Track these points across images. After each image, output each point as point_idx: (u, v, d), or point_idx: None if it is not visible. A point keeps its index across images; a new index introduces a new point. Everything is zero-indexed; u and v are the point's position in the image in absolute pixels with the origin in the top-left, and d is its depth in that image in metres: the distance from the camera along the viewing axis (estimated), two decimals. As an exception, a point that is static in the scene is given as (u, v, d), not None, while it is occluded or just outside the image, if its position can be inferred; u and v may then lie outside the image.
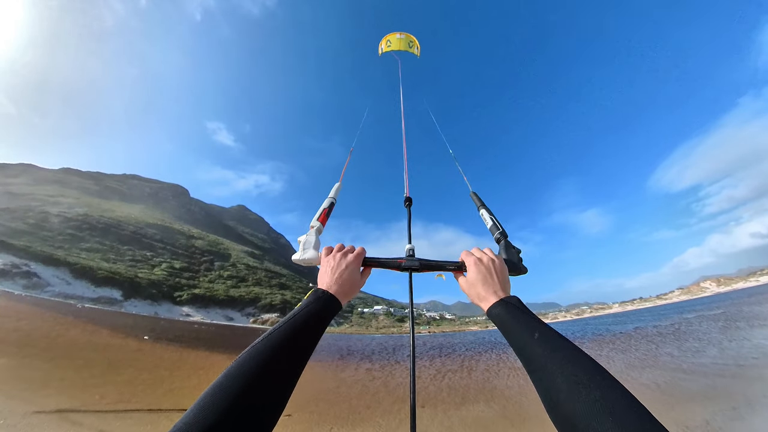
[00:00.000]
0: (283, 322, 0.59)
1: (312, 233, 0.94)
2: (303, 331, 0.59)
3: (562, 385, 0.44)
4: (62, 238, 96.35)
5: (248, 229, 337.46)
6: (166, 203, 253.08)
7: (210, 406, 0.41)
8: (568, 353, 0.49)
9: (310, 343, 0.59)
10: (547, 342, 0.53)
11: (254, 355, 0.52)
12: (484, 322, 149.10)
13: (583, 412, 0.39)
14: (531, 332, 0.56)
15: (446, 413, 8.23)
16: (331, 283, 0.74)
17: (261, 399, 0.46)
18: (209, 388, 0.45)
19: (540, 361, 0.50)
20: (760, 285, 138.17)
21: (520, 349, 0.56)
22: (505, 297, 0.69)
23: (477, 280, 0.76)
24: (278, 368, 0.51)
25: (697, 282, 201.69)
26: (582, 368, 0.46)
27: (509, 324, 0.62)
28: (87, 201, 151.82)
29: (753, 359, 11.47)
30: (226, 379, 0.46)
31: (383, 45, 3.74)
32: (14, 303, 31.72)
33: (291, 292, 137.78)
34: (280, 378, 0.51)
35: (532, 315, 0.62)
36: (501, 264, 0.79)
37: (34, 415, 5.67)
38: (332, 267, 0.78)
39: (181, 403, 7.61)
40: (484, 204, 1.15)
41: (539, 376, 0.50)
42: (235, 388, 0.44)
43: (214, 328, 50.80)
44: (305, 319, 0.61)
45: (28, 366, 9.26)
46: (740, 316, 29.36)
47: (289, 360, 0.54)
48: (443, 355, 23.79)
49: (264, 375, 0.48)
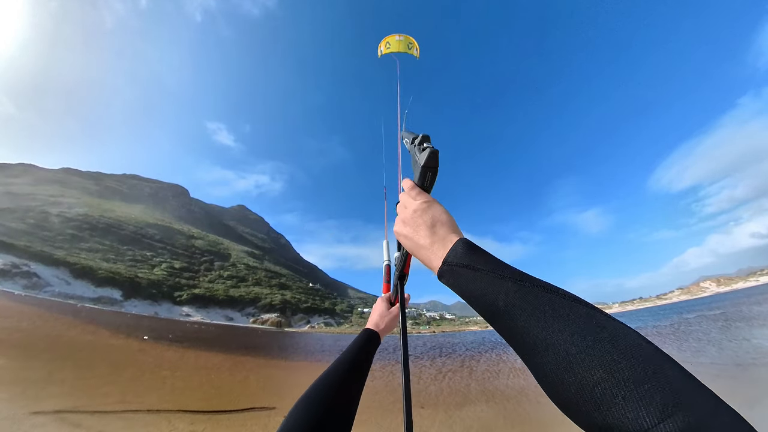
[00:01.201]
0: (339, 360, 0.68)
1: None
2: (356, 367, 0.68)
3: (557, 354, 0.26)
4: (62, 238, 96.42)
5: (248, 229, 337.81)
6: (166, 203, 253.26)
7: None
8: (552, 308, 0.30)
9: (362, 379, 0.68)
10: (519, 305, 0.32)
11: (321, 388, 0.58)
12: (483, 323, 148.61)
13: (596, 371, 0.23)
14: (493, 300, 0.36)
15: (447, 413, 8.24)
16: (369, 322, 0.94)
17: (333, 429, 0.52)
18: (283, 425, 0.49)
19: (520, 334, 0.32)
20: (759, 285, 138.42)
21: (492, 324, 0.37)
22: (446, 256, 0.44)
23: (411, 250, 0.54)
24: (342, 396, 0.58)
25: (697, 282, 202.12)
26: (579, 326, 0.27)
27: (465, 296, 0.41)
28: (87, 201, 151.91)
29: (752, 359, 11.49)
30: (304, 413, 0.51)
31: (382, 47, 3.77)
32: (15, 303, 31.74)
33: (291, 292, 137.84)
34: (345, 406, 0.57)
35: (486, 267, 0.38)
36: (410, 206, 0.55)
37: (32, 416, 5.68)
38: (373, 310, 1.00)
39: (183, 404, 7.61)
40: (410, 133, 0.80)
41: (528, 355, 0.31)
42: (310, 421, 0.49)
43: (214, 328, 50.86)
44: (350, 353, 0.72)
45: (29, 366, 9.26)
46: (740, 316, 29.41)
47: (348, 390, 0.61)
48: (443, 355, 23.81)
49: (332, 405, 0.54)
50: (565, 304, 0.30)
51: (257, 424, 6.85)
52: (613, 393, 0.22)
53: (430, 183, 0.57)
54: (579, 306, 0.29)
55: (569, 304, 0.29)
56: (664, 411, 0.20)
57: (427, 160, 0.52)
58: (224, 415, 7.33)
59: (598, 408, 0.22)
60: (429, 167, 0.53)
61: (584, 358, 0.24)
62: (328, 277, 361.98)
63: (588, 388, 0.23)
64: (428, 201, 0.54)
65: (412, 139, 0.63)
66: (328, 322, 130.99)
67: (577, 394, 0.24)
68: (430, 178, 0.56)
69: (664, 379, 0.21)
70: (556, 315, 0.28)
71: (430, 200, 0.54)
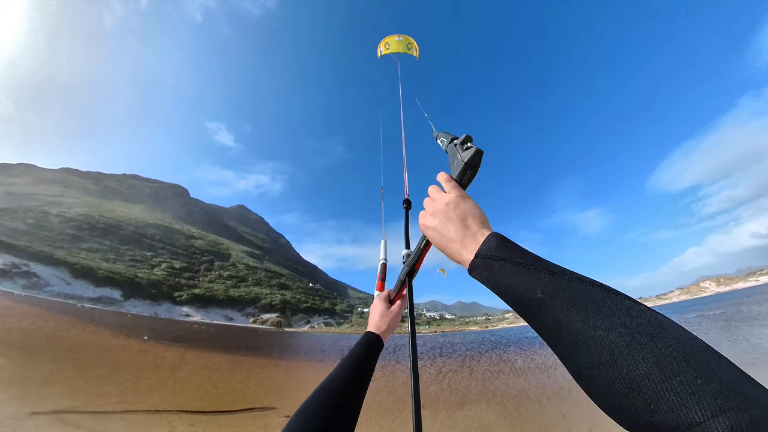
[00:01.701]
0: (340, 367, 0.67)
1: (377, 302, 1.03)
2: (358, 371, 0.66)
3: (600, 348, 0.26)
4: (62, 238, 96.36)
5: (248, 229, 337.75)
6: (166, 203, 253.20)
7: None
8: (593, 300, 0.29)
9: (365, 383, 0.67)
10: (557, 295, 0.32)
11: (323, 394, 0.57)
12: (483, 323, 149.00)
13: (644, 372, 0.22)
14: (530, 291, 0.36)
15: (448, 413, 8.24)
16: (369, 324, 0.90)
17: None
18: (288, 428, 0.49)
19: (558, 327, 0.31)
20: (759, 285, 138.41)
21: (526, 317, 0.37)
22: (479, 249, 0.45)
23: (437, 243, 0.54)
24: (344, 403, 0.57)
25: (696, 282, 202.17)
26: (619, 317, 0.27)
27: (498, 289, 0.42)
28: (87, 201, 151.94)
29: (752, 359, 11.49)
30: (303, 420, 0.51)
31: (382, 47, 3.77)
32: (15, 303, 31.74)
33: (291, 292, 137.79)
34: (347, 413, 0.57)
35: (522, 261, 0.39)
36: (443, 199, 0.55)
37: (32, 417, 5.67)
38: (371, 311, 0.95)
39: (183, 404, 7.60)
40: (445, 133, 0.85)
41: (565, 348, 0.30)
42: (313, 426, 0.49)
43: (214, 329, 50.82)
44: (351, 358, 0.70)
45: (31, 367, 9.26)
46: (740, 316, 29.39)
47: (351, 396, 0.59)
48: (444, 355, 23.79)
49: (334, 412, 0.53)
50: (606, 297, 0.28)
51: (257, 424, 6.83)
52: (662, 387, 0.20)
53: (468, 181, 0.58)
54: (621, 298, 0.28)
55: (610, 296, 0.28)
56: (717, 406, 0.18)
57: (471, 159, 0.54)
58: (224, 415, 7.31)
59: (645, 403, 0.21)
60: (471, 165, 0.55)
61: (630, 351, 0.23)
62: (328, 277, 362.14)
63: (635, 382, 0.22)
64: (462, 195, 0.53)
65: (451, 139, 0.66)
66: (328, 322, 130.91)
67: (622, 389, 0.22)
68: (469, 176, 0.57)
69: (715, 373, 0.20)
70: (596, 307, 0.27)
71: (464, 194, 0.54)
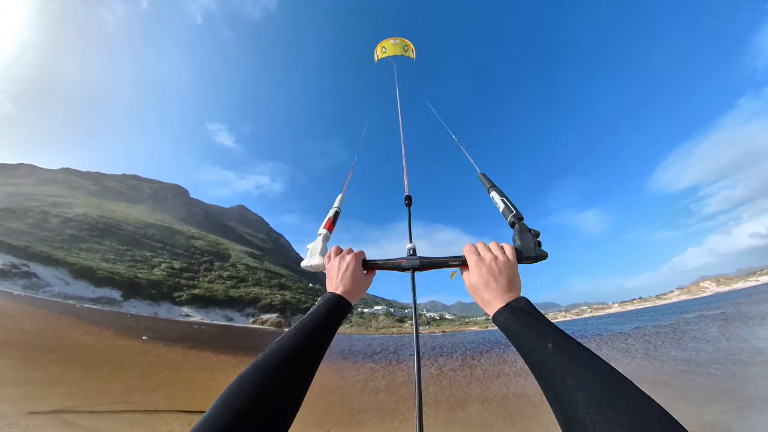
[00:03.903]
0: (294, 327, 0.60)
1: (319, 240, 0.97)
2: (313, 335, 0.59)
3: (583, 405, 0.37)
4: (62, 238, 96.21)
5: (248, 230, 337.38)
6: (166, 203, 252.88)
7: (225, 409, 0.42)
8: (589, 365, 0.43)
9: (321, 346, 0.60)
10: (564, 352, 0.46)
11: (268, 359, 0.52)
12: (483, 323, 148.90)
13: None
14: (543, 341, 0.49)
15: (448, 413, 8.22)
16: (336, 284, 0.77)
17: (276, 403, 0.46)
18: (225, 391, 0.46)
19: (556, 376, 0.44)
20: (759, 285, 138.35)
21: (531, 362, 0.50)
22: (511, 301, 0.61)
23: (479, 282, 0.68)
24: (292, 372, 0.52)
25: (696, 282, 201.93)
26: (607, 385, 0.39)
27: (517, 333, 0.55)
28: (87, 201, 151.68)
29: (752, 359, 11.47)
30: (242, 382, 0.47)
31: (378, 51, 3.79)
32: (16, 304, 31.68)
33: (291, 292, 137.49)
34: (294, 382, 0.51)
35: (543, 319, 0.55)
36: (506, 261, 0.69)
37: (31, 416, 5.64)
38: (335, 269, 0.81)
39: (183, 404, 7.58)
40: (494, 185, 1.02)
41: (556, 393, 0.43)
42: (251, 392, 0.45)
43: (214, 329, 50.81)
44: (315, 322, 0.62)
45: (33, 367, 9.25)
46: (740, 315, 29.37)
47: (302, 363, 0.54)
48: (444, 355, 23.78)
49: (278, 379, 0.49)
50: (599, 363, 0.43)
51: (256, 424, 6.81)
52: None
53: (524, 261, 0.73)
54: (607, 367, 0.42)
55: (602, 364, 0.43)
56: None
57: (542, 256, 0.71)
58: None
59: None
60: (538, 259, 0.70)
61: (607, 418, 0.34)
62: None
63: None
64: (516, 266, 0.70)
65: (519, 218, 0.84)
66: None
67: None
68: (528, 262, 0.71)
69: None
70: (589, 369, 0.42)
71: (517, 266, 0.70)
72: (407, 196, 1.17)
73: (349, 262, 0.80)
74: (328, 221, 1.05)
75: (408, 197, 1.17)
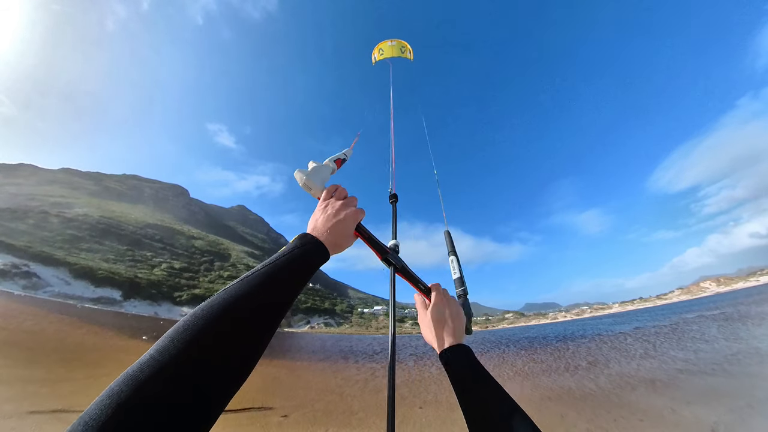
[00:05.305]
0: (259, 268, 0.48)
1: (328, 167, 0.83)
2: (282, 281, 0.48)
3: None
4: (62, 238, 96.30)
5: (248, 230, 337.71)
6: (166, 203, 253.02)
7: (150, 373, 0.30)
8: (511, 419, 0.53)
9: (288, 296, 0.48)
10: (496, 406, 0.56)
11: (217, 305, 0.39)
12: (484, 323, 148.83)
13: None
14: (484, 382, 0.60)
15: (448, 413, 8.23)
16: (323, 230, 0.63)
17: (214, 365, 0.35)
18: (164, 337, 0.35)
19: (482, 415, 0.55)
20: (759, 285, 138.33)
21: (461, 395, 0.60)
22: (461, 343, 0.70)
23: (437, 320, 0.75)
24: (247, 326, 0.40)
25: (696, 282, 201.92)
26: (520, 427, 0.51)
27: (460, 372, 0.64)
28: (87, 201, 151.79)
29: (752, 359, 11.48)
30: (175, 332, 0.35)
31: (376, 54, 3.81)
32: (17, 304, 31.72)
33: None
34: (247, 337, 0.40)
35: (482, 368, 0.63)
36: (462, 315, 0.79)
37: (30, 416, 5.66)
38: (331, 212, 0.66)
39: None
40: (455, 250, 1.08)
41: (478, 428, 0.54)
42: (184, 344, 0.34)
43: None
44: (287, 266, 0.50)
45: (33, 367, 9.28)
46: (740, 316, 29.37)
47: (261, 316, 0.42)
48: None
49: (231, 332, 0.38)
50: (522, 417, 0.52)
51: (255, 424, 6.83)
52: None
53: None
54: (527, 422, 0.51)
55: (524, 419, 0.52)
56: None
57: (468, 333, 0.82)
58: (222, 415, 7.26)
59: None
60: (466, 333, 0.81)
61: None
62: (328, 278, 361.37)
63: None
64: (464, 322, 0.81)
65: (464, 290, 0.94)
66: (328, 323, 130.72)
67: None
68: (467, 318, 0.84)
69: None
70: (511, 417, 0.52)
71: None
72: (393, 194, 1.19)
73: (348, 216, 0.67)
74: (338, 160, 0.94)
75: (394, 195, 1.19)
